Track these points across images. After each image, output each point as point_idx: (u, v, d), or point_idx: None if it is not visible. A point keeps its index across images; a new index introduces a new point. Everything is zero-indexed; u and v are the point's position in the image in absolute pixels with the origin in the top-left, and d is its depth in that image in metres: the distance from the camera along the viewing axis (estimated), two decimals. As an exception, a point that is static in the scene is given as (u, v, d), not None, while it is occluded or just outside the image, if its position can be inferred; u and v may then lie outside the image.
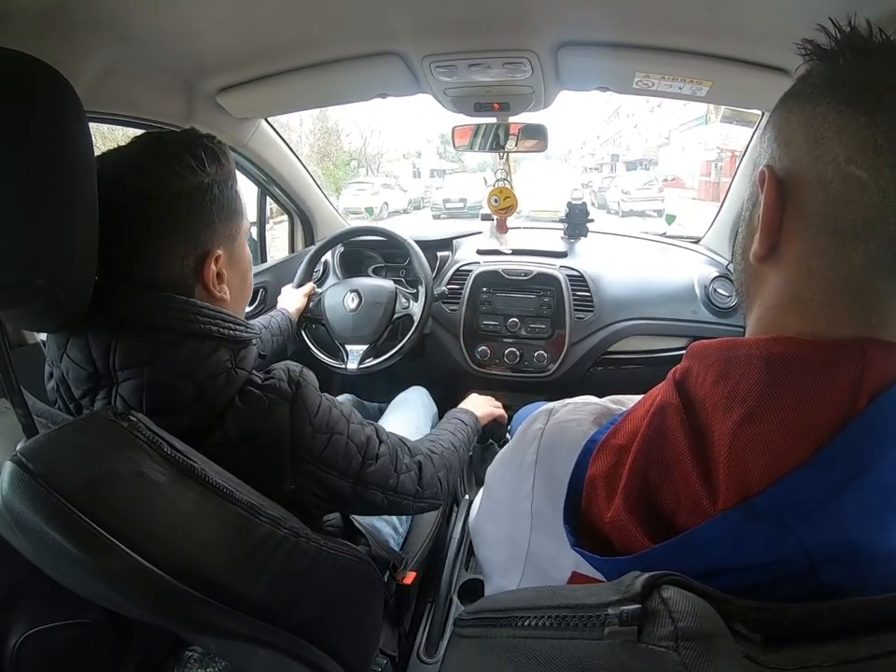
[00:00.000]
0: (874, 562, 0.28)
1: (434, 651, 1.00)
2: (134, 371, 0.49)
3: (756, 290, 0.34)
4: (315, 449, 0.54)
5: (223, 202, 0.53)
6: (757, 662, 0.22)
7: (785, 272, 0.31)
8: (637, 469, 0.32)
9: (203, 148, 0.52)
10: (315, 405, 0.55)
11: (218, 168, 0.53)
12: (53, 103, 0.43)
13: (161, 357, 0.49)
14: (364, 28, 0.85)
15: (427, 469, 0.71)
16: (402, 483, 0.65)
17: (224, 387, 0.51)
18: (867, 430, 0.27)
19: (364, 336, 1.23)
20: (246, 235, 0.61)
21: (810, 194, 0.30)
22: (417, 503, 0.69)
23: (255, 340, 0.58)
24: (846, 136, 0.28)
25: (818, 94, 0.30)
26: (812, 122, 0.30)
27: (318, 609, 0.53)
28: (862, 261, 0.28)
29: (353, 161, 17.93)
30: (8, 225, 0.42)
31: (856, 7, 0.62)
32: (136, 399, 0.49)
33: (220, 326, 0.52)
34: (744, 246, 0.35)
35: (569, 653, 0.24)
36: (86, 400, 0.52)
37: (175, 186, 0.49)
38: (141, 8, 0.72)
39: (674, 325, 1.26)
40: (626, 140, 24.41)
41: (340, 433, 0.57)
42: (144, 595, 0.39)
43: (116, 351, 0.49)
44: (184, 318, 0.50)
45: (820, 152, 0.29)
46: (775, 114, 0.34)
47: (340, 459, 0.56)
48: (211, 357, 0.51)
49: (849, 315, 0.29)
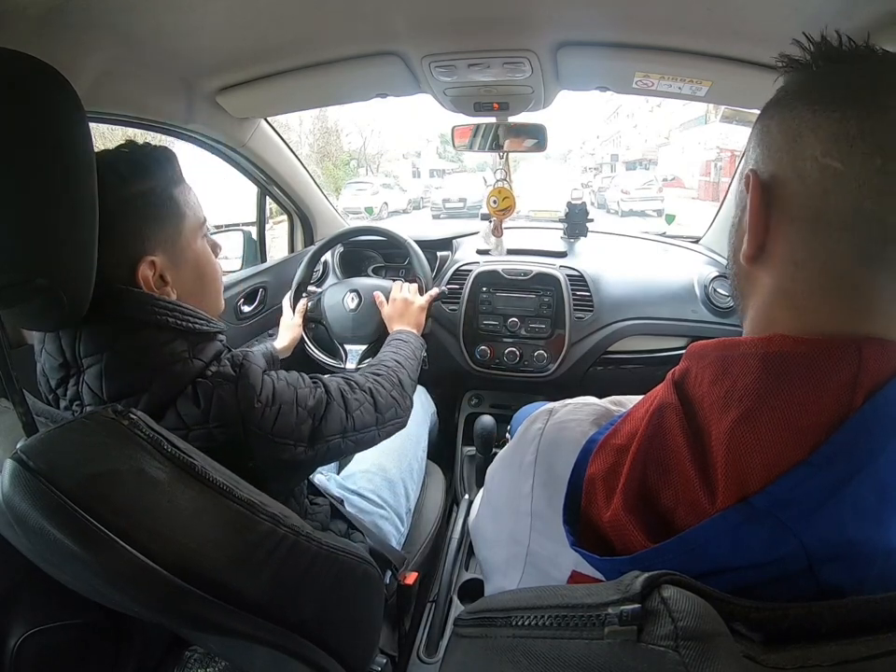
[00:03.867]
0: (872, 560, 0.28)
1: (434, 650, 1.00)
2: (96, 357, 0.53)
3: (749, 291, 0.35)
4: (266, 423, 0.57)
5: (150, 210, 0.56)
6: (757, 661, 0.22)
7: (774, 270, 0.32)
8: (636, 469, 0.32)
9: (123, 162, 0.55)
10: (259, 382, 0.58)
11: (144, 179, 0.55)
12: (53, 103, 0.43)
13: (118, 344, 0.53)
14: (364, 28, 0.85)
15: (379, 394, 0.75)
16: (359, 419, 0.69)
17: (179, 375, 0.54)
18: (863, 428, 0.27)
19: (363, 336, 1.23)
20: (195, 233, 0.61)
21: (792, 190, 0.31)
22: (381, 429, 0.74)
23: (220, 335, 0.61)
24: (821, 133, 0.29)
25: (794, 99, 0.32)
26: (790, 124, 0.31)
27: (318, 607, 0.53)
28: (846, 251, 0.29)
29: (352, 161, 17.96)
30: (9, 224, 0.42)
31: (852, 8, 0.63)
32: (98, 385, 0.53)
33: (178, 318, 0.55)
34: (734, 249, 0.36)
35: (569, 653, 0.24)
36: (60, 390, 0.56)
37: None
38: (141, 8, 0.72)
39: (674, 325, 1.26)
40: (626, 140, 24.43)
41: (288, 402, 0.60)
42: (144, 593, 0.39)
43: (80, 340, 0.53)
44: (140, 309, 0.54)
45: (798, 150, 0.30)
46: (758, 123, 0.35)
47: (293, 429, 0.60)
48: (167, 346, 0.54)
49: (838, 308, 0.30)
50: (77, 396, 0.55)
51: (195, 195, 0.62)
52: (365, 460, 1.04)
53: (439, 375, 1.39)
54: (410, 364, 0.90)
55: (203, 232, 0.64)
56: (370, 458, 1.04)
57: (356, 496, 0.95)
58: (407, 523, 1.00)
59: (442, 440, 1.40)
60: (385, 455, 1.05)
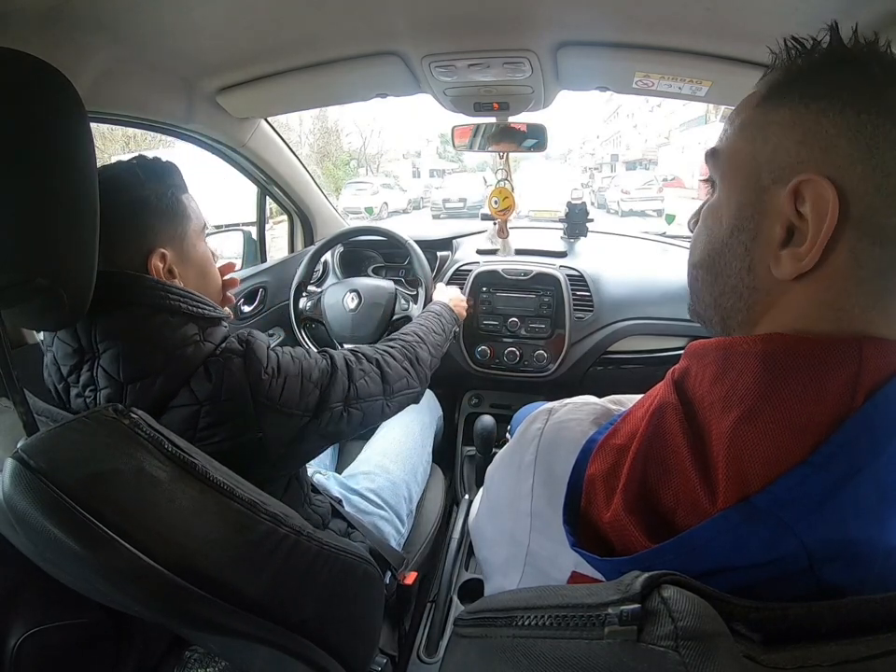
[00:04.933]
0: (872, 560, 0.28)
1: (434, 650, 1.00)
2: (112, 342, 0.56)
3: (769, 306, 0.32)
4: (274, 392, 0.60)
5: (162, 208, 0.61)
6: (757, 661, 0.22)
7: (823, 285, 0.30)
8: (636, 468, 0.32)
9: (140, 167, 0.62)
10: (265, 355, 0.61)
11: (158, 182, 0.62)
12: (54, 102, 0.43)
13: (135, 329, 0.56)
14: (364, 28, 0.85)
15: (387, 364, 0.76)
16: (362, 387, 0.70)
17: (192, 357, 0.58)
18: (864, 427, 0.27)
19: (363, 336, 1.23)
20: (199, 236, 0.68)
21: (870, 206, 0.28)
22: (390, 399, 0.75)
23: (223, 321, 0.65)
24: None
25: (860, 102, 0.28)
26: (861, 129, 0.28)
27: (319, 607, 0.53)
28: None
29: (352, 161, 17.95)
30: (10, 224, 0.42)
31: (853, 8, 0.63)
32: (115, 368, 0.56)
33: (188, 304, 0.60)
34: (751, 262, 0.33)
35: (569, 653, 0.24)
36: (72, 377, 0.59)
37: (118, 198, 0.58)
38: (141, 8, 0.72)
39: (674, 325, 1.26)
40: (626, 140, 24.44)
41: (294, 374, 0.63)
42: (144, 592, 0.39)
43: (96, 326, 0.56)
44: (154, 295, 0.57)
45: (877, 162, 0.28)
46: (782, 112, 0.31)
47: (299, 399, 0.62)
48: (179, 329, 0.58)
49: (885, 320, 0.29)
50: (91, 381, 0.57)
51: (196, 203, 0.68)
52: (369, 461, 1.04)
53: (439, 375, 1.39)
54: (433, 338, 0.91)
55: (204, 236, 0.69)
56: (374, 459, 1.04)
57: (357, 496, 0.95)
58: (408, 525, 1.00)
59: (442, 440, 1.40)
60: (390, 458, 1.05)
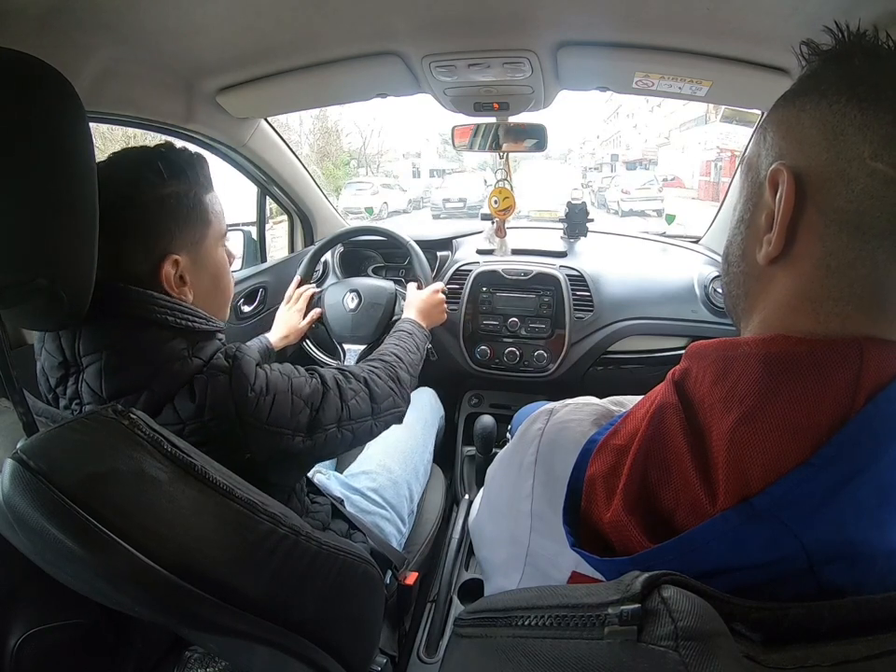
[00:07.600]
0: (872, 561, 0.28)
1: (434, 650, 1.00)
2: (96, 355, 0.53)
3: (759, 292, 0.34)
4: (262, 412, 0.57)
5: (182, 211, 0.57)
6: (757, 661, 0.22)
7: (798, 271, 0.31)
8: (636, 469, 0.32)
9: (164, 161, 0.56)
10: (253, 372, 0.58)
11: (181, 180, 0.57)
12: (54, 102, 0.43)
13: (118, 343, 0.54)
14: (364, 28, 0.85)
15: (374, 384, 0.75)
16: (354, 408, 0.69)
17: (178, 373, 0.55)
18: (865, 429, 0.27)
19: (362, 336, 1.23)
20: (218, 241, 0.64)
21: (832, 192, 0.29)
22: (378, 419, 0.74)
23: (219, 334, 0.61)
24: (870, 133, 0.28)
25: (833, 92, 0.29)
26: (829, 119, 0.29)
27: (319, 607, 0.53)
28: (886, 259, 0.28)
29: (352, 161, 17.95)
30: (10, 224, 0.42)
31: (855, 8, 0.63)
32: (98, 383, 0.53)
33: (177, 317, 0.56)
34: (745, 249, 0.35)
35: (569, 653, 0.24)
36: (60, 389, 0.56)
37: (133, 197, 0.54)
38: (141, 8, 0.72)
39: (674, 325, 1.26)
40: (626, 140, 24.43)
41: (283, 391, 0.60)
42: (144, 592, 0.39)
43: (80, 338, 0.53)
44: (140, 308, 0.54)
45: (841, 148, 0.28)
46: (779, 112, 0.33)
47: (289, 418, 0.60)
48: (166, 344, 0.55)
49: (863, 313, 0.29)
50: (76, 394, 0.55)
51: (221, 204, 0.64)
52: (370, 460, 1.03)
53: (439, 375, 1.39)
54: (410, 357, 0.90)
55: (223, 242, 0.65)
56: (375, 459, 1.03)
57: (358, 495, 0.95)
58: (409, 524, 1.00)
59: (443, 439, 1.40)
60: (392, 457, 1.05)
